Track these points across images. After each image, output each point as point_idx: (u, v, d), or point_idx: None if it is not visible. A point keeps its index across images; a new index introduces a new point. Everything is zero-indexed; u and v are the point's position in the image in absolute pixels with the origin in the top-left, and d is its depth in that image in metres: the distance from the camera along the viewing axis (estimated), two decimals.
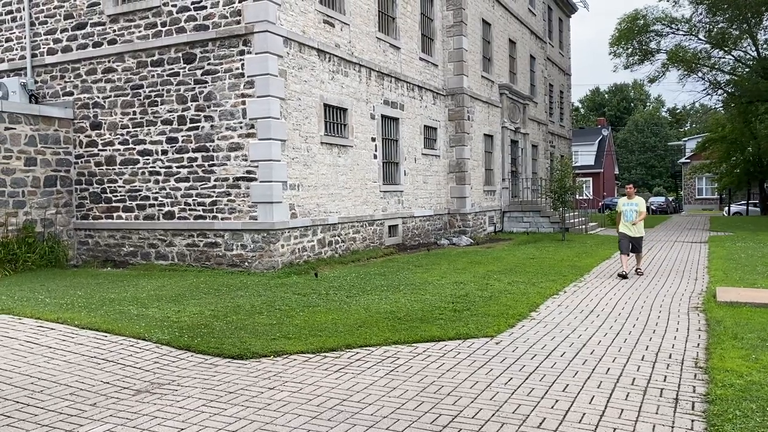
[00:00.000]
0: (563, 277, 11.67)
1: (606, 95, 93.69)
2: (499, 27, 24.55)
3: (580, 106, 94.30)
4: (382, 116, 16.81)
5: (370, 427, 4.51)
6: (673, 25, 37.24)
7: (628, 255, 12.15)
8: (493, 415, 4.72)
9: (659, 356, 6.29)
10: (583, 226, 24.39)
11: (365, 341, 6.88)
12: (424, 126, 19.37)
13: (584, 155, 60.19)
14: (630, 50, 38.38)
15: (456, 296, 9.53)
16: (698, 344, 6.76)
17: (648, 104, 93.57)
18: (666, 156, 78.74)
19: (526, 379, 5.59)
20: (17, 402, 5.00)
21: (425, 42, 19.66)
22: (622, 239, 12.18)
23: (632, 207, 12.28)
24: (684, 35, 37.37)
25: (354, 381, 5.57)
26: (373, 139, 16.30)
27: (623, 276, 11.61)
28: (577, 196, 29.85)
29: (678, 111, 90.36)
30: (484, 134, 22.92)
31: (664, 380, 5.50)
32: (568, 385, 5.41)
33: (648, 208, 21.72)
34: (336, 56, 14.64)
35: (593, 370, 5.84)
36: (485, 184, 23.02)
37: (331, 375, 5.76)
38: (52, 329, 7.22)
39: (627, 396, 5.11)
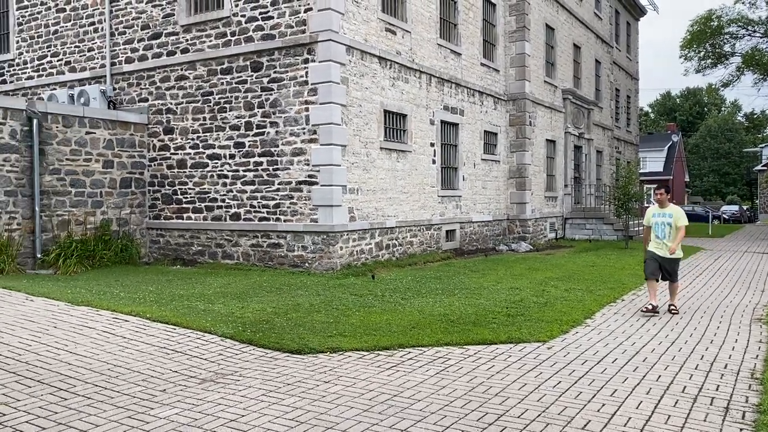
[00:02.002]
0: (622, 285, 11.53)
1: (678, 100, 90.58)
2: (564, 32, 24.31)
3: (649, 110, 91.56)
4: (442, 121, 16.98)
5: (418, 421, 4.72)
6: (749, 27, 35.81)
7: (657, 280, 9.08)
8: (539, 415, 4.84)
9: (714, 366, 6.23)
10: None
11: (417, 341, 7.08)
12: (484, 131, 19.40)
13: (652, 161, 58.51)
14: (702, 53, 37.16)
15: (511, 301, 9.60)
16: (757, 355, 6.64)
17: (723, 109, 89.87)
18: (741, 163, 75.39)
19: (575, 383, 5.67)
20: (96, 386, 5.45)
21: (487, 47, 19.71)
22: (649, 260, 9.09)
23: (665, 219, 9.03)
24: (761, 37, 35.87)
25: (405, 378, 5.78)
26: (432, 144, 16.49)
27: (651, 311, 8.79)
28: (644, 203, 29.16)
29: (755, 116, 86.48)
30: (546, 139, 22.73)
31: (716, 389, 5.47)
32: (616, 390, 5.46)
33: (706, 215, 20.32)
34: (397, 63, 14.92)
35: (644, 377, 5.86)
36: (546, 190, 22.82)
37: (383, 372, 5.99)
38: (126, 321, 7.74)
39: (676, 403, 5.13)
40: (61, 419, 4.63)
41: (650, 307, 8.82)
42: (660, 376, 5.89)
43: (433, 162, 16.57)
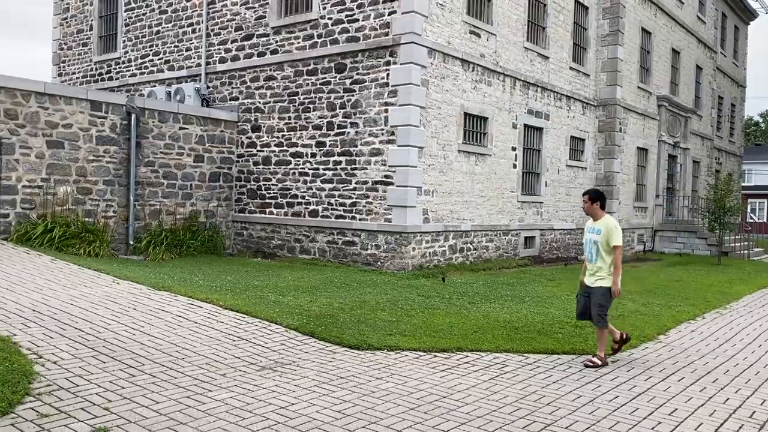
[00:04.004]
0: (706, 303, 10.95)
1: None
2: (661, 36, 23.28)
3: (760, 120, 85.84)
4: (525, 125, 16.70)
5: (461, 423, 4.72)
6: None
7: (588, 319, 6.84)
8: (587, 428, 4.71)
9: None
10: (746, 252, 22.37)
11: (477, 346, 7.04)
12: (571, 137, 18.91)
13: (760, 174, 54.82)
14: None
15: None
16: None
17: None
18: None
19: (633, 399, 5.47)
20: (163, 365, 5.79)
21: (576, 51, 19.20)
22: (579, 295, 6.94)
23: (593, 235, 6.68)
24: None
25: (457, 381, 5.78)
26: (514, 149, 16.25)
27: (592, 364, 6.45)
28: (748, 219, 27.38)
29: None
30: (638, 147, 21.86)
31: None
32: (676, 409, 5.22)
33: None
34: (480, 66, 14.82)
35: (710, 398, 5.57)
36: (636, 200, 21.94)
37: (437, 373, 6.01)
38: (200, 307, 8.15)
39: (740, 428, 4.85)
40: (127, 394, 4.96)
41: (593, 362, 6.45)
42: (728, 398, 5.58)
43: (514, 166, 16.33)
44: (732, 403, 5.45)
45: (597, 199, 6.83)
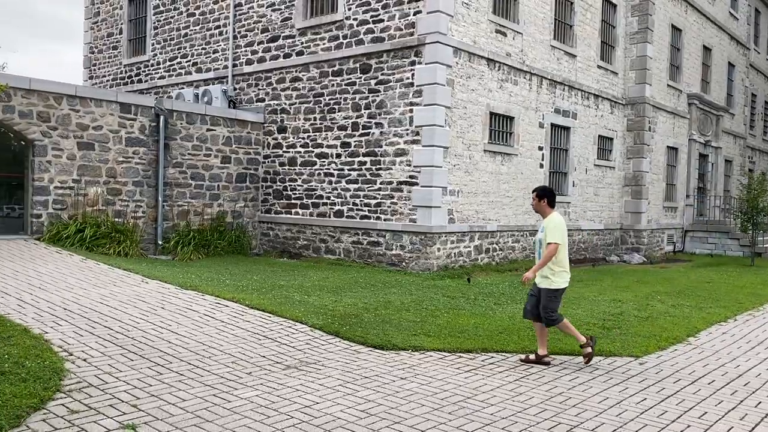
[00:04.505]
0: (738, 305, 10.72)
1: None
2: (692, 33, 22.86)
3: None
4: (552, 125, 16.54)
5: (486, 424, 4.69)
6: None
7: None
8: (614, 430, 4.65)
9: None
10: None
11: (502, 347, 6.99)
12: (599, 136, 18.68)
13: None
14: None
15: (609, 314, 9.23)
16: None
17: None
18: None
19: (661, 401, 5.38)
20: (189, 364, 5.86)
21: (604, 49, 18.96)
22: (530, 291, 6.76)
23: (540, 234, 6.61)
24: None
25: (482, 382, 5.75)
26: (540, 148, 16.11)
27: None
28: None
29: None
30: (667, 146, 21.50)
31: None
32: (706, 412, 5.13)
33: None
34: (506, 65, 14.73)
35: (741, 401, 5.46)
36: (665, 200, 21.59)
37: (461, 374, 5.98)
38: (227, 306, 8.23)
39: None
40: (154, 391, 5.04)
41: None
42: (760, 402, 5.46)
43: (541, 166, 16.18)
44: (764, 407, 5.33)
45: (544, 196, 6.58)
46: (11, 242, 11.67)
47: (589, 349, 6.41)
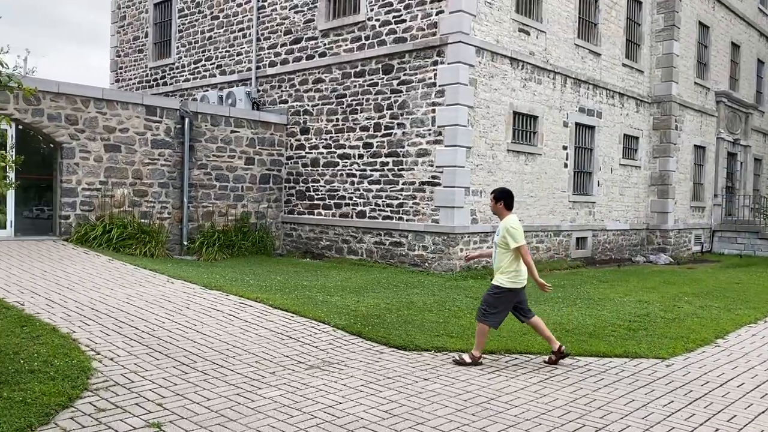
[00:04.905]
0: None
1: None
2: (720, 30, 22.48)
3: None
4: (576, 124, 16.38)
5: (509, 426, 4.65)
6: None
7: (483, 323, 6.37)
8: None
9: None
10: None
11: (526, 348, 6.94)
12: (624, 135, 18.45)
13: None
14: None
15: (635, 315, 9.10)
16: None
17: None
18: None
19: (689, 404, 5.29)
20: (214, 363, 5.91)
21: (630, 47, 18.72)
22: None
23: (495, 236, 6.60)
24: None
25: (506, 383, 5.71)
26: (565, 148, 15.96)
27: (460, 361, 6.31)
28: None
29: None
30: (695, 145, 21.17)
31: None
32: (735, 416, 5.03)
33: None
34: (529, 64, 14.62)
35: None
36: (693, 199, 21.26)
37: (484, 375, 5.95)
38: (251, 306, 8.29)
39: None
40: (179, 390, 5.09)
41: (462, 358, 6.28)
42: None
43: (565, 166, 16.03)
44: None
45: (500, 198, 6.54)
46: (41, 243, 11.89)
47: (470, 361, 6.26)
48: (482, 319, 6.32)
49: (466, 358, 6.31)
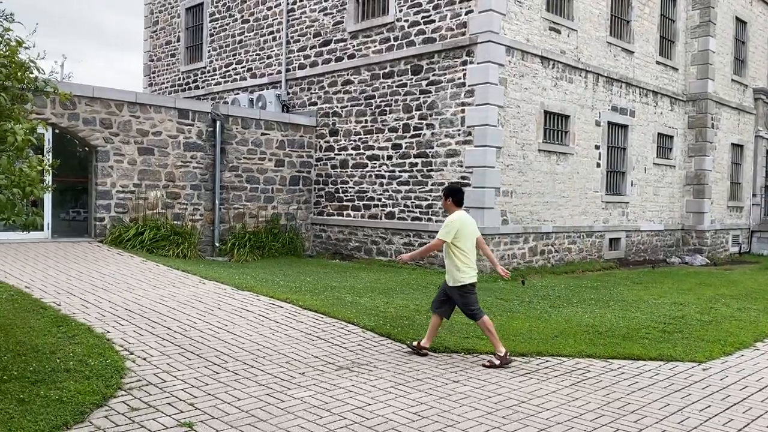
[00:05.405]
0: None
1: None
2: (758, 25, 21.93)
3: None
4: (609, 123, 16.12)
5: (541, 429, 4.59)
6: None
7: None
8: None
9: None
10: None
11: (558, 351, 6.85)
12: (658, 134, 18.10)
13: None
14: None
15: (670, 317, 8.91)
16: None
17: None
18: None
19: (727, 409, 5.16)
20: (245, 363, 5.95)
21: (663, 44, 18.37)
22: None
23: None
24: None
25: (537, 386, 5.63)
26: (597, 147, 15.72)
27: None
28: None
29: None
30: (732, 144, 20.67)
31: None
32: None
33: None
34: (560, 63, 14.44)
35: None
36: (730, 199, 20.75)
37: (515, 378, 5.88)
38: (281, 307, 8.33)
39: None
40: (210, 390, 5.14)
41: (491, 361, 6.21)
42: None
43: (598, 165, 15.79)
44: None
45: (448, 195, 6.64)
46: (76, 245, 12.14)
47: (498, 362, 6.19)
48: (476, 318, 6.39)
49: (494, 360, 6.26)
